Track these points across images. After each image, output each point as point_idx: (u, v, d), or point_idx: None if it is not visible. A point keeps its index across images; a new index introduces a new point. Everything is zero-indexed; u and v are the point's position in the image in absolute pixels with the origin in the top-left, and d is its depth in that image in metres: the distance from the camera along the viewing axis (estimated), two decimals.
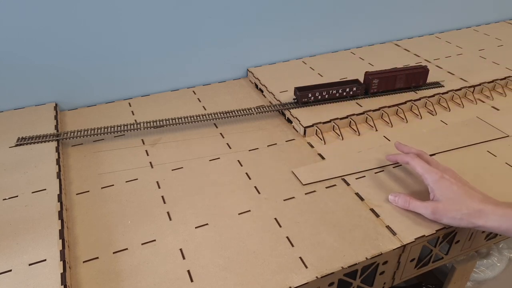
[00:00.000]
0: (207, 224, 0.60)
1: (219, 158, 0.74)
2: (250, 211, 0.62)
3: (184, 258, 0.55)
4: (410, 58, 1.05)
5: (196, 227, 0.60)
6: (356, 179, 0.68)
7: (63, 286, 0.49)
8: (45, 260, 0.53)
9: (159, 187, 0.67)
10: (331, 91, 0.84)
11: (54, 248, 0.54)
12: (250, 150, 0.76)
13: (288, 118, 0.83)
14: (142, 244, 0.57)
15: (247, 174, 0.70)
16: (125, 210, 0.63)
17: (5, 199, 0.63)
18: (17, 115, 0.83)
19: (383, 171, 0.70)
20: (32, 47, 0.79)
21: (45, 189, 0.64)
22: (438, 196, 0.58)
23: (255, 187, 0.67)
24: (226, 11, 0.91)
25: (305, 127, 0.78)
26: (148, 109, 0.88)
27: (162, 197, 0.65)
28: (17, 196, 0.63)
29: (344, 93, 0.85)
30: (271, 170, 0.71)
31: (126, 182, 0.68)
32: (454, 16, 1.23)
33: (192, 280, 0.52)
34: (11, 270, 0.52)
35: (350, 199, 0.64)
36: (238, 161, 0.73)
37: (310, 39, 1.05)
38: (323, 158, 0.73)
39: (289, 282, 0.51)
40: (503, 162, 0.72)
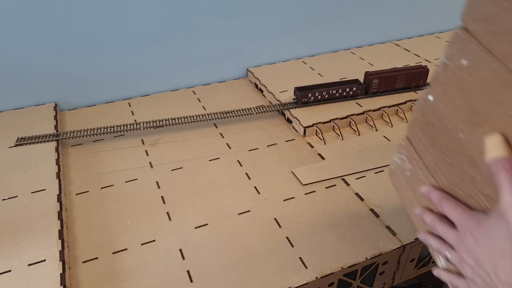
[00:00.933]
0: (207, 224, 0.60)
1: (219, 158, 0.74)
2: (250, 211, 0.62)
3: (183, 258, 0.55)
4: (410, 58, 1.05)
5: (195, 227, 0.60)
6: (356, 179, 0.68)
7: (62, 287, 0.49)
8: (44, 260, 0.53)
9: (159, 187, 0.67)
10: (331, 91, 0.84)
11: (53, 248, 0.54)
12: (250, 150, 0.76)
13: (288, 118, 0.83)
14: (142, 244, 0.57)
15: (247, 174, 0.70)
16: (124, 210, 0.63)
17: (4, 199, 0.63)
18: (16, 115, 0.82)
19: (383, 171, 0.70)
20: (32, 47, 0.79)
21: (44, 189, 0.64)
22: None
23: (255, 187, 0.67)
24: (226, 11, 0.90)
25: (305, 127, 0.78)
26: (147, 109, 0.88)
27: (162, 197, 0.65)
28: (16, 196, 0.63)
29: (344, 93, 0.85)
30: (271, 170, 0.71)
31: (126, 182, 0.68)
32: (454, 16, 1.22)
33: (191, 281, 0.52)
34: (10, 271, 0.52)
35: (350, 199, 0.64)
36: (238, 161, 0.73)
37: (310, 39, 1.04)
38: (323, 158, 0.73)
39: (288, 282, 0.51)
40: None
